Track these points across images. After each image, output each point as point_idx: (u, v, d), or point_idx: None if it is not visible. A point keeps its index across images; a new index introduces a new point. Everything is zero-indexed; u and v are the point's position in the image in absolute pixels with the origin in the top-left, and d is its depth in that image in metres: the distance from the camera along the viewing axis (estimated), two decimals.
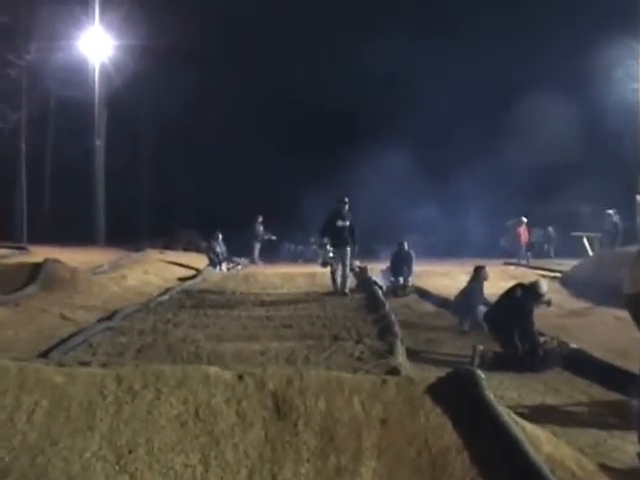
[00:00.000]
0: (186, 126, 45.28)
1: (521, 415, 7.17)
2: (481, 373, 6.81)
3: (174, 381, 6.48)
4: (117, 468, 5.71)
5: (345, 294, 18.77)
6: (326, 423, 6.16)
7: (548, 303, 13.15)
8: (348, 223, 18.72)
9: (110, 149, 45.13)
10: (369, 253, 25.73)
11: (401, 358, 11.00)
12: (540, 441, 6.42)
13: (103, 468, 5.70)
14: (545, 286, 13.22)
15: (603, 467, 6.71)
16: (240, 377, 6.57)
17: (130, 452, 5.83)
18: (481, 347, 11.79)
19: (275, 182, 41.78)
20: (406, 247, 22.52)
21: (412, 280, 21.61)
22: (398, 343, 12.08)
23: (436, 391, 6.51)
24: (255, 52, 44.89)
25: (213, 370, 6.71)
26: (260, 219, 33.94)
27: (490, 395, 6.49)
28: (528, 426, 6.64)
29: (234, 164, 43.44)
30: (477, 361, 11.26)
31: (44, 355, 11.13)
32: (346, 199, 19.00)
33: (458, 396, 6.45)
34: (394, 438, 6.07)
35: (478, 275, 15.60)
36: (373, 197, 32.52)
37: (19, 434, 5.94)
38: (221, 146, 44.20)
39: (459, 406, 6.35)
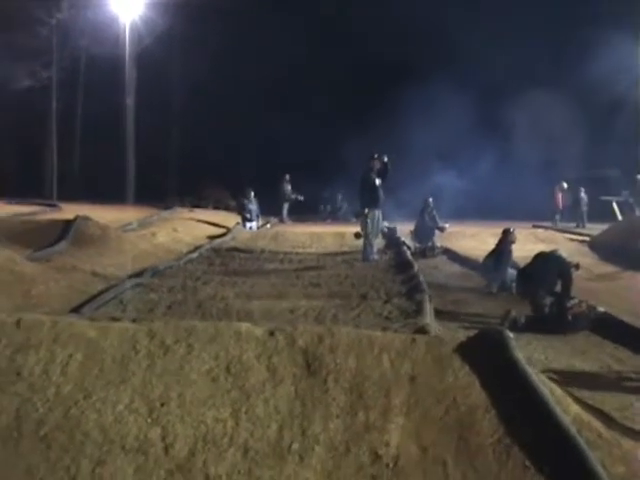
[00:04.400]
0: (217, 84, 44.98)
1: (548, 377, 7.20)
2: (510, 334, 6.84)
3: (206, 336, 6.56)
4: (149, 421, 5.80)
5: (372, 260, 18.41)
6: (355, 380, 6.22)
7: (577, 266, 13.13)
8: (379, 182, 18.39)
9: (140, 107, 45.06)
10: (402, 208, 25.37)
11: (429, 318, 11.01)
12: (567, 402, 6.45)
13: (135, 421, 5.80)
14: (563, 253, 13.35)
15: (629, 430, 6.74)
16: (271, 333, 6.64)
17: (162, 405, 5.93)
18: (514, 312, 11.77)
19: (307, 141, 41.41)
20: (431, 205, 22.25)
21: (437, 241, 21.49)
22: (426, 303, 12.08)
23: (465, 350, 6.55)
24: (290, 6, 44.26)
25: (244, 326, 6.78)
26: (287, 178, 33.86)
27: (519, 355, 6.52)
28: (555, 387, 6.67)
29: (265, 122, 43.19)
30: (507, 324, 11.26)
31: (76, 310, 11.22)
32: (376, 155, 18.63)
33: (487, 356, 6.49)
34: (422, 396, 6.12)
35: (506, 237, 15.54)
36: (415, 153, 31.81)
37: (53, 386, 6.05)
38: (252, 104, 43.95)
39: (487, 366, 6.38)
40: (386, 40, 41.40)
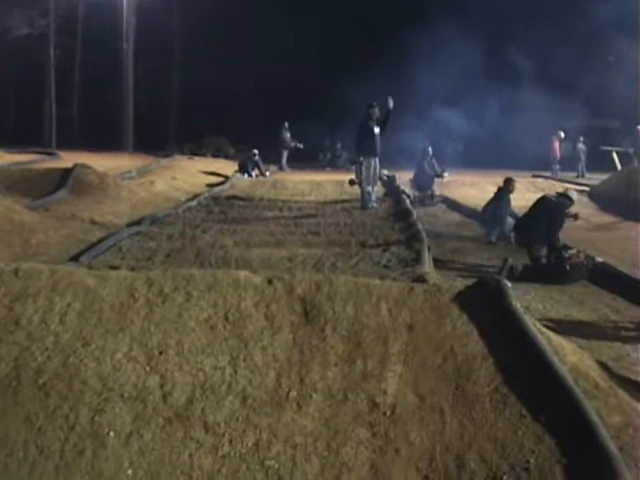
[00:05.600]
0: (217, 31, 44.61)
1: (546, 326, 7.22)
2: (508, 283, 6.84)
3: (204, 285, 6.56)
4: (147, 369, 5.82)
5: (371, 208, 18.38)
6: (353, 328, 6.23)
7: (575, 217, 13.10)
8: (378, 130, 18.29)
9: (139, 54, 44.78)
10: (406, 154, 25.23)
11: (428, 267, 11.05)
12: (564, 352, 6.47)
13: (134, 369, 5.82)
14: (575, 194, 13.21)
15: (626, 380, 6.77)
16: (269, 281, 6.64)
17: (160, 353, 5.94)
18: (511, 260, 11.78)
19: (308, 88, 41.10)
20: (430, 153, 22.15)
21: (436, 189, 21.45)
22: (425, 252, 12.10)
23: (463, 299, 6.55)
24: None
25: (243, 274, 6.78)
26: (286, 125, 33.67)
27: (517, 304, 6.53)
28: (553, 337, 6.69)
29: (265, 69, 42.91)
30: (505, 272, 11.27)
31: (74, 259, 11.23)
32: (374, 103, 18.51)
33: (485, 305, 6.49)
34: (420, 344, 6.14)
35: (506, 186, 15.48)
36: (419, 98, 31.46)
37: (52, 335, 6.06)
38: (252, 51, 43.60)
39: (485, 315, 6.40)
40: None
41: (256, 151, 29.26)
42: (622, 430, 5.62)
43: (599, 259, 11.96)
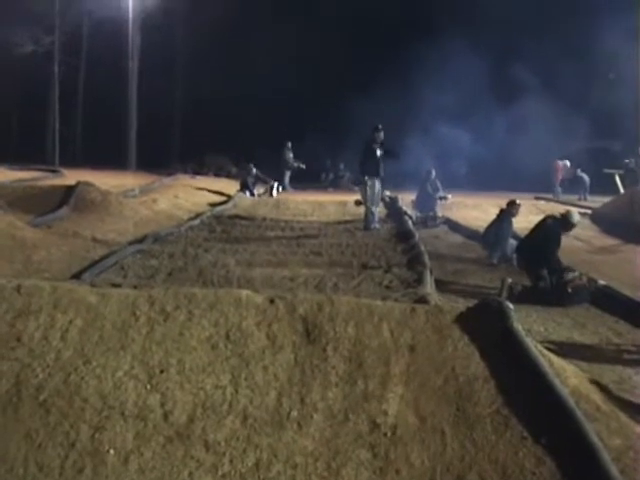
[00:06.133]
0: (220, 49, 44.78)
1: (548, 349, 7.21)
2: (510, 304, 6.84)
3: (206, 303, 6.56)
4: (148, 387, 5.82)
5: (373, 229, 18.39)
6: (355, 349, 6.23)
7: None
8: (381, 152, 18.35)
9: (142, 73, 44.95)
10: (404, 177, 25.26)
11: (429, 288, 11.04)
12: (566, 374, 6.46)
13: (135, 387, 5.81)
14: (577, 216, 13.19)
15: (628, 403, 6.76)
16: (271, 301, 6.65)
17: (162, 372, 5.94)
18: (510, 280, 11.75)
19: (312, 107, 41.15)
20: (433, 175, 22.21)
21: (439, 211, 21.47)
22: (427, 273, 12.10)
23: (465, 321, 6.55)
24: None
25: (245, 293, 6.78)
26: (289, 145, 33.72)
27: (518, 326, 6.52)
28: (555, 359, 6.69)
29: (268, 87, 42.99)
30: (505, 294, 11.25)
31: (76, 276, 11.25)
32: (380, 126, 18.58)
33: (486, 326, 6.49)
34: (422, 365, 6.14)
35: (510, 209, 15.48)
36: (423, 117, 31.42)
37: (53, 352, 6.05)
38: (255, 69, 43.70)
39: (487, 336, 6.39)
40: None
41: (252, 165, 29.36)
42: (623, 453, 5.61)
43: (601, 282, 11.95)
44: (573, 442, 5.39)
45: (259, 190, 29.20)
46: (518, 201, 15.81)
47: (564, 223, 12.72)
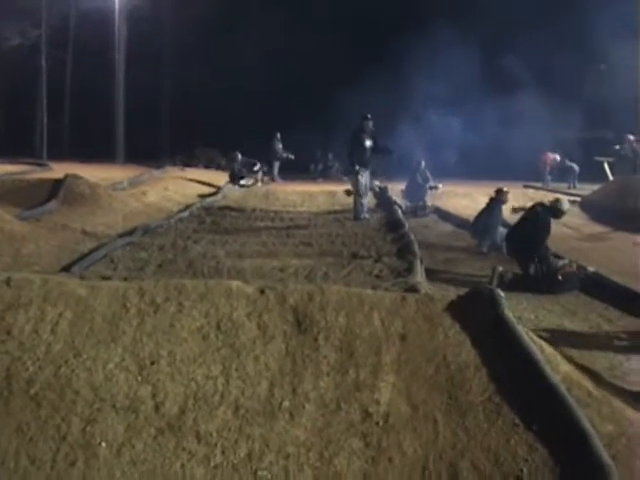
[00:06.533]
0: (208, 40, 44.60)
1: (539, 336, 7.22)
2: (501, 292, 6.84)
3: (196, 294, 6.55)
4: (139, 379, 5.81)
5: (363, 219, 18.36)
6: (346, 338, 6.23)
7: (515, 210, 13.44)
8: (370, 143, 18.30)
9: (130, 65, 44.77)
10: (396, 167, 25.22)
11: (420, 277, 11.03)
12: (557, 361, 6.48)
13: (126, 379, 5.81)
14: (566, 204, 13.21)
15: (619, 389, 6.78)
16: (262, 291, 6.64)
17: (152, 364, 5.93)
18: (500, 268, 11.76)
19: (301, 97, 40.99)
20: (423, 165, 22.18)
21: (428, 200, 21.45)
22: (417, 262, 12.09)
23: (456, 309, 6.55)
24: None
25: (235, 284, 6.77)
26: (278, 136, 33.62)
27: (509, 314, 6.53)
28: (546, 346, 6.69)
29: (257, 79, 42.86)
30: (495, 281, 11.26)
31: (66, 269, 11.21)
32: (369, 115, 18.51)
33: (478, 314, 6.49)
34: (413, 354, 6.14)
35: (499, 197, 15.50)
36: (414, 106, 31.31)
37: (43, 345, 6.04)
38: (244, 60, 43.55)
39: (478, 324, 6.39)
40: None
41: (238, 152, 29.33)
42: (615, 439, 5.63)
43: (591, 269, 11.97)
44: (565, 429, 5.40)
45: (248, 181, 29.05)
46: (505, 188, 15.83)
47: (554, 211, 12.72)
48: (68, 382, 5.74)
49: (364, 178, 18.33)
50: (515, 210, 14.74)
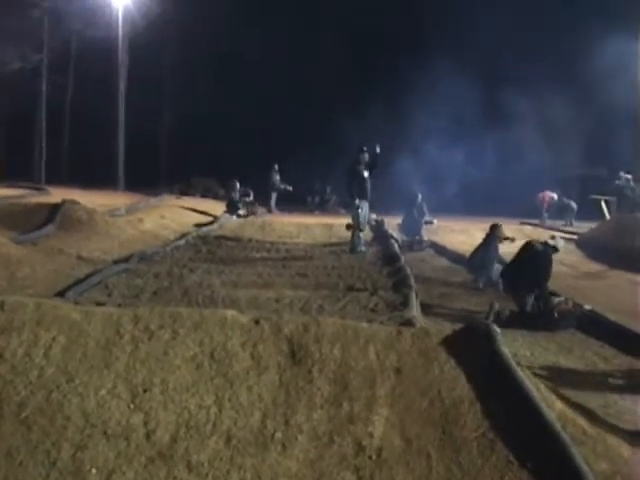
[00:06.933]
0: (209, 70, 44.81)
1: (534, 374, 7.20)
2: (497, 328, 6.82)
3: (191, 323, 6.52)
4: (132, 406, 5.77)
5: (359, 252, 18.32)
6: (340, 370, 6.19)
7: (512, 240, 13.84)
8: (367, 174, 18.28)
9: (131, 92, 44.91)
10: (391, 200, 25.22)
11: (415, 311, 11.00)
12: (552, 398, 6.45)
13: (118, 406, 5.76)
14: (561, 241, 13.25)
15: (613, 427, 6.74)
16: (257, 322, 6.61)
17: (145, 391, 5.89)
18: (497, 305, 11.76)
19: (301, 130, 41.16)
20: (420, 199, 22.19)
21: (424, 234, 21.43)
22: (412, 296, 12.06)
23: (451, 343, 6.53)
24: None
25: (230, 314, 6.74)
26: (276, 167, 33.67)
27: (505, 350, 6.50)
28: (540, 383, 6.67)
29: (258, 110, 43.05)
30: (492, 317, 11.24)
31: (61, 294, 11.17)
32: (365, 147, 18.50)
33: (473, 349, 6.47)
34: (407, 388, 6.10)
35: (494, 233, 15.51)
36: (413, 139, 31.37)
37: (36, 369, 6.00)
38: (242, 91, 43.77)
39: (474, 359, 6.37)
40: (387, 20, 41.06)
41: (236, 181, 29.33)
42: (610, 477, 5.62)
43: (587, 307, 11.95)
44: (559, 466, 5.36)
45: (244, 210, 29.00)
46: (500, 223, 15.87)
47: (551, 248, 12.75)
48: (60, 407, 5.70)
49: (363, 211, 18.31)
50: (500, 240, 14.83)
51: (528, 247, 13.04)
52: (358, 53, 42.98)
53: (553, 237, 13.57)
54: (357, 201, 18.15)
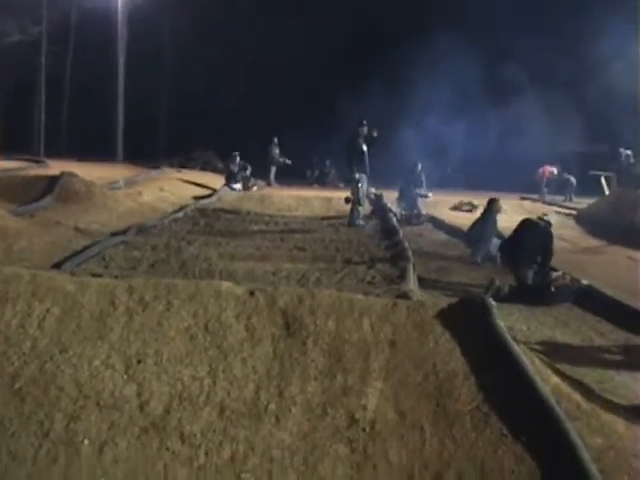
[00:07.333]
0: (208, 43, 44.54)
1: (530, 348, 7.19)
2: (492, 301, 6.79)
3: (185, 294, 6.50)
4: (125, 377, 5.76)
5: (357, 225, 18.29)
6: (335, 343, 6.17)
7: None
8: (366, 148, 18.20)
9: (130, 65, 44.72)
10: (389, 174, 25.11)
11: (412, 284, 10.96)
12: (547, 373, 6.44)
13: (111, 377, 5.76)
14: (554, 218, 13.32)
15: (608, 402, 6.72)
16: (251, 293, 6.59)
17: (139, 362, 5.88)
18: (498, 281, 11.73)
19: (300, 103, 40.92)
20: (419, 168, 22.09)
21: (423, 209, 21.39)
22: (410, 269, 12.03)
23: (447, 316, 6.50)
24: None
25: (225, 285, 6.73)
26: (275, 141, 33.57)
27: (500, 323, 6.48)
28: (535, 357, 6.66)
29: (257, 83, 42.86)
30: (491, 293, 11.20)
31: (57, 266, 11.14)
32: (364, 121, 18.41)
33: (468, 323, 6.44)
34: (402, 361, 6.09)
35: (491, 207, 15.47)
36: (414, 114, 31.19)
37: (29, 340, 6.00)
38: (244, 65, 43.58)
39: (469, 333, 6.34)
40: None
41: (237, 154, 29.24)
42: (604, 452, 5.58)
43: (584, 282, 11.93)
44: (553, 440, 5.35)
45: (239, 185, 28.89)
46: (497, 198, 15.83)
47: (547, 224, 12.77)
48: (53, 378, 5.70)
49: (362, 185, 18.26)
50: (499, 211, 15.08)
51: (527, 223, 13.03)
52: (359, 27, 42.62)
53: (545, 214, 13.58)
54: (356, 175, 18.09)
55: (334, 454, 5.34)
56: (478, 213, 17.39)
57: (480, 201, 21.98)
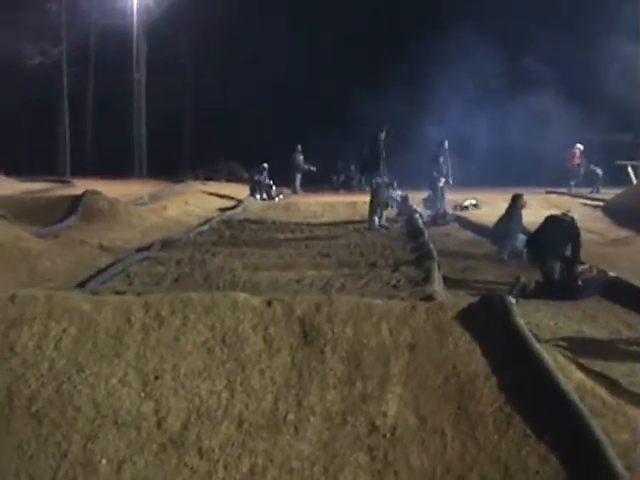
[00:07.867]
0: (226, 53, 44.66)
1: (556, 344, 7.09)
2: (512, 299, 6.70)
3: (202, 307, 6.47)
4: (142, 394, 5.73)
5: (379, 228, 18.22)
6: (353, 349, 6.12)
7: None
8: (385, 153, 18.24)
9: (150, 81, 44.96)
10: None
11: (437, 286, 10.88)
12: (571, 369, 6.34)
13: (129, 394, 5.73)
14: (577, 215, 13.20)
15: (636, 396, 6.59)
16: (268, 303, 6.54)
17: (156, 378, 5.86)
18: (524, 278, 11.60)
19: (323, 109, 40.94)
20: (446, 146, 21.96)
21: (448, 208, 21.31)
22: (435, 271, 11.96)
23: (466, 317, 6.42)
24: None
25: (241, 296, 6.69)
26: (299, 148, 33.57)
27: (521, 322, 6.39)
28: (559, 354, 6.55)
29: (278, 93, 42.88)
30: (517, 290, 11.09)
31: (81, 285, 11.19)
32: (384, 127, 18.45)
33: (489, 322, 6.36)
34: (422, 364, 6.01)
35: (516, 203, 15.31)
36: (436, 111, 31.06)
37: (47, 361, 5.99)
38: (263, 72, 43.56)
39: (489, 332, 6.26)
40: None
41: (265, 165, 29.23)
42: (630, 448, 5.48)
43: (612, 274, 11.76)
44: (578, 438, 5.25)
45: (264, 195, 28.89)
46: (521, 193, 15.68)
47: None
48: (70, 398, 5.69)
49: (382, 189, 18.24)
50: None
51: (554, 218, 12.91)
52: (378, 24, 42.58)
53: (569, 211, 13.51)
54: (378, 179, 18.11)
55: (354, 462, 5.28)
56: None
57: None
